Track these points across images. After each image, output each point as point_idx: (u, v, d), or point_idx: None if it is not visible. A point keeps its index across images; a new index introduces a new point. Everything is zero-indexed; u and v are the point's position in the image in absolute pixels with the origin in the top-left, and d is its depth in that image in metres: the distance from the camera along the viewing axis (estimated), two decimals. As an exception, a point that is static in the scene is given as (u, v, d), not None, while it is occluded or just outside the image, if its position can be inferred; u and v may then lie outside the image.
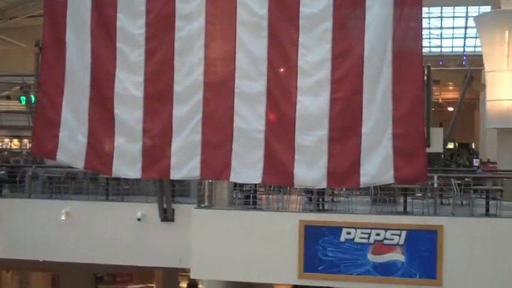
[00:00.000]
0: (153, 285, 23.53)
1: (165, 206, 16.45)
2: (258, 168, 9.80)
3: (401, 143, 9.35)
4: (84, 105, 10.33)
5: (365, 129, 9.42)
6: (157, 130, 10.13)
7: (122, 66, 10.29)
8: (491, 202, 15.25)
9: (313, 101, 9.62)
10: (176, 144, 10.03)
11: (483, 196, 15.89)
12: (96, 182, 18.11)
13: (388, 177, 9.38)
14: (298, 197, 15.97)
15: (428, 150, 18.87)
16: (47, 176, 18.31)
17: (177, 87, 10.11)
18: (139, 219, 16.52)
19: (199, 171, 10.02)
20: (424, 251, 13.97)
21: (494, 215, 14.72)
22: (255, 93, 9.88)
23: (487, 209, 15.11)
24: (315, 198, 15.54)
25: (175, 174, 10.15)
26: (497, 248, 13.83)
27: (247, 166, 9.85)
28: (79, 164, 10.44)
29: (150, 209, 16.63)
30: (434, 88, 31.05)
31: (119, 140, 10.20)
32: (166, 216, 16.49)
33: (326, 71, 9.63)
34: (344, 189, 15.55)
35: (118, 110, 10.21)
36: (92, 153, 10.32)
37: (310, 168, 9.57)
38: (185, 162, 10.00)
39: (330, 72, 9.61)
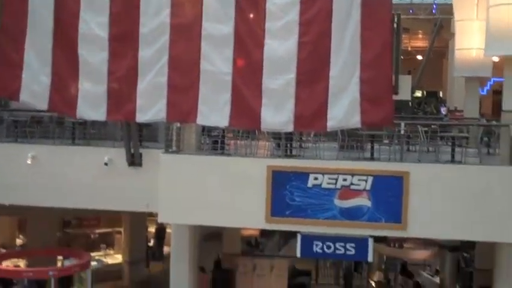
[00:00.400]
0: (121, 229, 23.54)
1: (132, 150, 16.34)
2: (225, 111, 9.75)
3: (369, 87, 9.34)
4: (48, 46, 10.11)
5: (333, 72, 9.39)
6: (123, 72, 9.99)
7: (87, 6, 10.05)
8: (456, 149, 15.41)
9: (281, 44, 9.54)
10: (142, 86, 9.92)
11: (449, 143, 16.04)
12: (62, 126, 17.88)
13: (354, 121, 9.41)
14: (267, 143, 15.97)
15: (396, 97, 19.07)
16: (12, 120, 18.00)
17: (143, 29, 9.95)
18: (106, 164, 16.40)
19: (165, 114, 9.94)
20: (390, 196, 14.12)
21: (460, 162, 14.88)
22: (222, 35, 9.75)
23: (453, 156, 15.27)
24: (283, 143, 15.54)
25: (141, 117, 10.07)
26: (461, 194, 14.02)
27: (214, 109, 9.80)
28: (42, 105, 10.28)
29: (117, 154, 16.51)
30: (403, 36, 31.00)
31: (84, 82, 10.05)
32: (134, 160, 16.40)
33: (294, 14, 9.52)
34: (312, 135, 15.60)
35: (82, 51, 10.03)
36: (55, 94, 10.16)
37: (278, 112, 9.54)
38: (151, 104, 9.90)
39: (299, 15, 9.51)
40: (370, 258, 15.04)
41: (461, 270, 23.43)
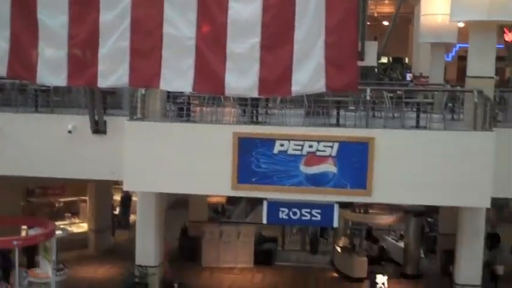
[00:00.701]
0: (86, 198, 23.34)
1: (96, 118, 16.13)
2: (188, 76, 9.60)
3: (333, 52, 9.26)
4: (5, 9, 9.80)
5: (297, 36, 9.27)
6: (83, 36, 9.75)
7: (46, -32, 9.75)
8: (421, 115, 15.49)
9: (245, 8, 9.38)
10: (103, 51, 9.69)
11: (414, 109, 16.11)
12: (24, 93, 17.52)
13: (319, 86, 9.34)
14: (233, 109, 15.87)
15: (362, 63, 19.09)
16: (-28, 87, 17.61)
17: (104, -8, 9.67)
18: (70, 132, 16.19)
19: (127, 79, 9.76)
20: (355, 162, 14.17)
21: (425, 127, 14.97)
22: (186, -2, 9.55)
23: (418, 122, 15.36)
24: (249, 110, 15.46)
25: (103, 82, 9.87)
26: (425, 160, 14.13)
27: (177, 74, 9.63)
28: (1, 70, 10.00)
29: (81, 121, 16.30)
30: (369, 2, 30.87)
31: (43, 46, 9.79)
32: (98, 128, 16.20)
33: (259, -23, 9.36)
34: (278, 101, 15.51)
35: (42, 15, 9.74)
36: (14, 59, 9.88)
37: (242, 77, 9.42)
38: (113, 69, 9.70)
39: (263, -22, 9.35)
40: (335, 224, 15.17)
41: (425, 235, 23.81)
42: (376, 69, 28.67)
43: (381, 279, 14.91)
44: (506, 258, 19.42)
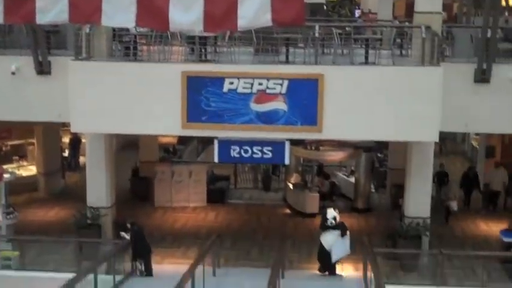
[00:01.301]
0: (34, 141, 22.92)
1: (40, 58, 15.74)
2: (131, 11, 9.30)
3: (279, -15, 9.05)
4: None
5: (242, -31, 9.03)
6: (18, -32, 9.32)
7: None
8: (370, 51, 15.49)
9: None
10: (40, -14, 9.28)
11: (363, 45, 16.10)
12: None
13: (265, 20, 9.16)
14: (181, 48, 15.59)
15: (310, 0, 18.89)
16: None
17: None
18: (13, 73, 15.77)
19: (67, 15, 9.41)
20: (305, 99, 14.19)
21: (373, 63, 15.00)
22: None
23: (366, 58, 15.37)
24: (197, 48, 15.22)
25: (41, 19, 9.50)
26: (374, 95, 14.20)
27: (119, 9, 9.32)
28: None
29: (24, 62, 15.91)
30: None
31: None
32: (43, 69, 15.84)
33: None
34: (227, 39, 15.29)
35: None
36: None
37: (186, 11, 9.17)
38: (52, 5, 9.32)
39: None
40: (287, 161, 15.24)
41: (375, 170, 24.18)
42: (324, 6, 28.49)
43: (331, 213, 14.95)
44: (457, 193, 19.92)
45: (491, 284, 15.05)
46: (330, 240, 15.12)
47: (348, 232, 15.39)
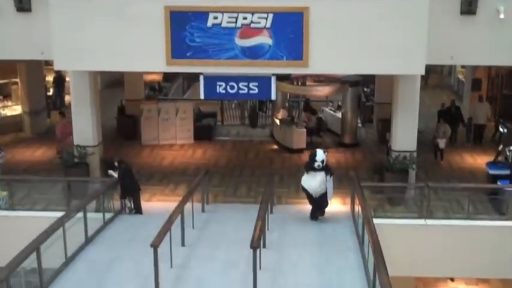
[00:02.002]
0: (17, 80, 22.64)
1: (20, -7, 15.34)
2: None
3: None
4: None
5: None
6: None
7: None
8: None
9: None
10: None
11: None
12: None
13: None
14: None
15: None
16: None
17: None
18: (-8, 9, 15.42)
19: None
20: (290, 33, 13.98)
21: None
22: None
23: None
24: (181, -18, 14.89)
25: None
26: (360, 29, 14.02)
27: None
28: None
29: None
30: None
31: None
32: (22, 6, 15.48)
33: None
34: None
35: None
36: None
37: None
38: None
39: None
40: (273, 97, 15.13)
41: (362, 105, 24.20)
42: None
43: (321, 155, 14.38)
44: (447, 132, 19.97)
45: (477, 216, 15.27)
46: (314, 184, 14.39)
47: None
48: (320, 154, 14.28)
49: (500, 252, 14.63)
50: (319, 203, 14.64)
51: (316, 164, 14.22)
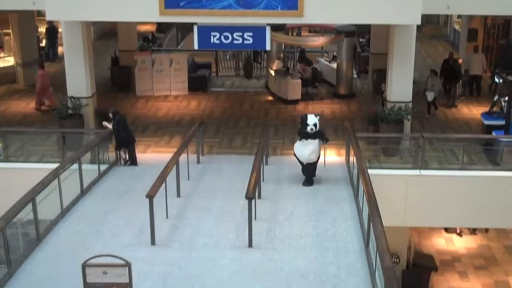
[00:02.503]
0: (9, 31, 22.36)
1: None
2: None
3: None
4: None
5: None
6: None
7: None
8: None
9: None
10: None
11: None
12: None
13: None
14: None
15: None
16: None
17: None
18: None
19: None
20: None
21: None
22: None
23: None
24: None
25: None
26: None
27: None
28: None
29: None
30: None
31: None
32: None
33: None
34: None
35: None
36: None
37: None
38: None
39: None
40: (268, 47, 14.97)
41: (357, 55, 24.02)
42: None
43: (312, 119, 13.63)
44: (436, 84, 19.83)
45: (471, 167, 15.31)
46: (306, 151, 13.75)
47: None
48: (311, 118, 13.67)
49: (494, 203, 14.70)
50: (311, 171, 14.04)
51: (308, 128, 13.54)
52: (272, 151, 16.28)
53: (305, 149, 13.74)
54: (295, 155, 14.01)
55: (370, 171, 12.33)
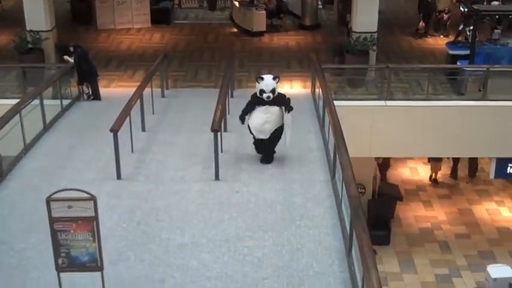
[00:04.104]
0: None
1: None
2: None
3: None
4: None
5: None
6: None
7: None
8: None
9: None
10: None
11: None
12: None
13: None
14: None
15: None
16: None
17: None
18: None
19: None
20: None
21: None
22: None
23: None
24: None
25: None
26: None
27: None
28: None
29: None
30: None
31: None
32: None
33: None
34: None
35: None
36: None
37: None
38: None
39: None
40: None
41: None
42: None
43: (269, 83, 10.39)
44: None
45: (436, 97, 15.44)
46: (260, 121, 10.75)
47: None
48: (268, 81, 10.48)
49: (458, 132, 14.93)
50: (270, 146, 11.19)
51: (265, 96, 10.46)
52: (238, 84, 16.18)
53: (260, 118, 10.75)
54: (248, 128, 11.00)
55: (336, 102, 12.32)
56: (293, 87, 14.96)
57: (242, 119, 10.92)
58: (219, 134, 10.84)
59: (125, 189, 10.41)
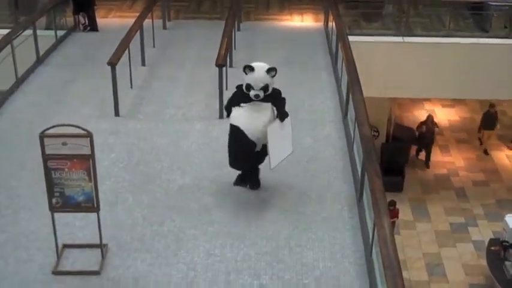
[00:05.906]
0: None
1: None
2: None
3: None
4: None
5: None
6: None
7: None
8: None
9: None
10: None
11: None
12: None
13: None
14: None
15: None
16: None
17: None
18: None
19: None
20: None
21: None
22: None
23: None
24: None
25: None
26: None
27: None
28: None
29: None
30: None
31: None
32: None
33: None
34: None
35: None
36: None
37: None
38: None
39: None
40: None
41: None
42: None
43: (260, 76, 7.75)
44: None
45: (458, 33, 15.21)
46: (243, 120, 8.06)
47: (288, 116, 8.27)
48: (260, 73, 7.87)
49: (480, 72, 14.75)
50: (253, 160, 8.32)
51: (252, 94, 7.89)
52: (245, 16, 15.95)
53: (244, 118, 8.06)
54: (231, 130, 8.24)
55: (350, 37, 12.18)
56: (304, 21, 14.73)
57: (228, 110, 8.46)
58: (224, 69, 10.74)
59: (123, 127, 10.40)
